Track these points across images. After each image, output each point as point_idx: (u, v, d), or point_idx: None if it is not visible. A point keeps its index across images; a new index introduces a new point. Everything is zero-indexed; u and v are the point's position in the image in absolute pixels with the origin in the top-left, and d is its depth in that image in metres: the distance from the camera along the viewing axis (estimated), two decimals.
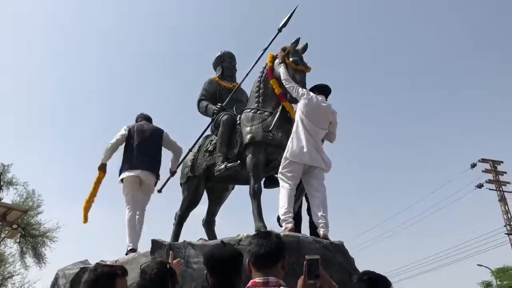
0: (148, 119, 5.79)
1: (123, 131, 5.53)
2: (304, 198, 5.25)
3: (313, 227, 5.15)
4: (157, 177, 5.49)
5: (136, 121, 5.74)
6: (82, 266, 4.81)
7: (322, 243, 4.09)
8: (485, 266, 24.01)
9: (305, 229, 5.19)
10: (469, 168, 26.48)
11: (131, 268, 4.17)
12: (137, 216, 5.25)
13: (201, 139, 5.90)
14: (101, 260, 4.94)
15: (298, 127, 4.74)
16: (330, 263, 3.91)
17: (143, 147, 5.37)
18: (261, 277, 2.05)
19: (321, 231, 4.37)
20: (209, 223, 5.99)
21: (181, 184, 5.98)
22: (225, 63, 6.29)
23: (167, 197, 6.93)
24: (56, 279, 5.04)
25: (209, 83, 6.14)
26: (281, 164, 4.69)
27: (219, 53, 6.38)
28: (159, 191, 5.83)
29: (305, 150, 4.57)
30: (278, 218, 4.99)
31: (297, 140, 4.66)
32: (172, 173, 5.81)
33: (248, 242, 3.19)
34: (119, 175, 5.41)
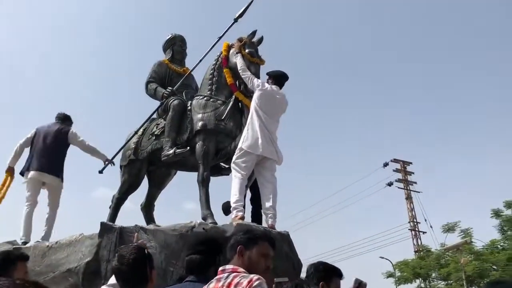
0: (62, 119, 5.67)
1: (29, 134, 5.52)
2: (248, 188, 5.38)
3: (255, 217, 5.31)
4: (59, 176, 5.40)
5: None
6: (14, 247, 4.54)
7: (271, 232, 4.24)
8: (386, 259, 26.04)
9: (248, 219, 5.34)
10: (381, 166, 28.39)
11: (75, 250, 4.06)
12: (47, 214, 5.31)
13: (146, 123, 5.77)
14: (37, 241, 4.71)
15: (253, 118, 4.83)
16: (277, 253, 4.05)
17: (44, 149, 5.35)
18: None
19: (269, 221, 4.52)
20: (148, 207, 5.91)
21: (121, 166, 5.82)
22: (176, 46, 6.19)
23: None
24: None
25: (158, 65, 6.00)
26: (235, 154, 4.76)
27: (170, 36, 6.25)
28: (100, 172, 5.63)
29: (260, 141, 4.68)
30: (223, 206, 5.07)
31: (252, 131, 4.75)
32: (106, 160, 5.63)
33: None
34: (22, 174, 5.38)
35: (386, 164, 28.29)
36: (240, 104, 5.24)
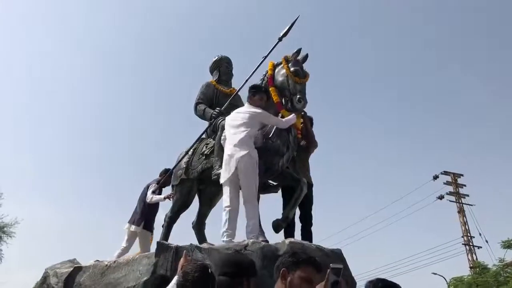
0: None
1: None
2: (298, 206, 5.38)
3: (304, 234, 5.30)
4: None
5: None
6: (76, 266, 4.76)
7: (324, 250, 4.22)
8: (439, 275, 24.95)
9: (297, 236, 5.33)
10: (431, 179, 27.46)
11: (132, 269, 4.20)
12: None
13: (196, 143, 5.92)
14: (96, 260, 4.90)
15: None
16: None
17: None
18: None
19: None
20: (199, 226, 6.02)
21: (172, 186, 5.99)
22: (222, 67, 6.35)
23: None
24: (45, 277, 4.95)
25: (206, 87, 6.17)
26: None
27: (217, 57, 6.42)
28: (154, 192, 5.82)
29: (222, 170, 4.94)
30: (274, 224, 5.09)
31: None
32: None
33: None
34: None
35: (436, 177, 27.33)
36: None
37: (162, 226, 5.96)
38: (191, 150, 5.87)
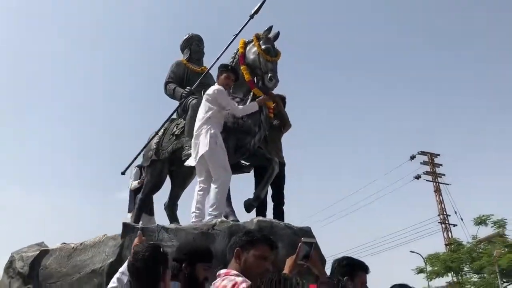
0: None
1: None
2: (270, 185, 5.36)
3: (276, 214, 5.29)
4: None
5: None
6: (42, 249, 4.65)
7: (293, 228, 4.21)
8: (417, 253, 25.53)
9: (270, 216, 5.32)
10: (408, 159, 27.89)
11: (99, 251, 4.12)
12: None
13: (166, 123, 5.81)
14: (63, 243, 4.80)
15: None
16: None
17: None
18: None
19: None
20: (171, 207, 5.95)
21: (143, 167, 5.89)
22: (193, 46, 6.20)
23: None
24: (11, 262, 4.84)
25: (176, 66, 6.03)
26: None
27: (187, 36, 6.27)
28: (123, 173, 5.71)
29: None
30: (245, 204, 5.06)
31: None
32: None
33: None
34: None
35: (413, 157, 27.80)
36: None
37: (135, 208, 5.87)
38: (162, 130, 5.75)
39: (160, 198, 6.12)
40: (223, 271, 2.20)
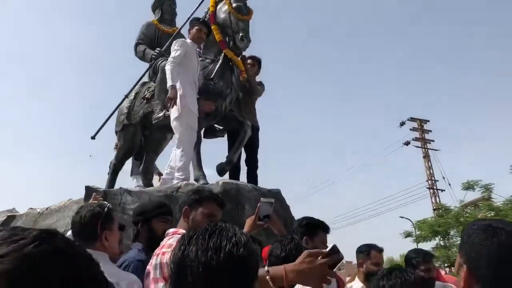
0: None
1: None
2: (243, 148, 5.28)
3: (251, 177, 5.23)
4: None
5: None
6: (9, 215, 4.58)
7: (260, 190, 4.16)
8: (406, 218, 25.91)
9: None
10: (398, 126, 27.88)
11: (63, 215, 4.05)
12: None
13: (137, 86, 5.65)
14: (30, 208, 4.73)
15: None
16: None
17: None
18: None
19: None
20: (145, 172, 5.86)
21: (116, 132, 5.76)
22: (165, 6, 5.97)
23: None
24: None
25: (147, 27, 5.82)
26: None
27: None
28: (92, 137, 5.58)
29: None
30: (218, 168, 4.99)
31: None
32: None
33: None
34: None
35: (402, 123, 27.74)
36: (231, 62, 5.07)
37: (108, 173, 5.78)
38: (133, 94, 5.59)
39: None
40: (171, 230, 2.17)
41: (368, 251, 3.31)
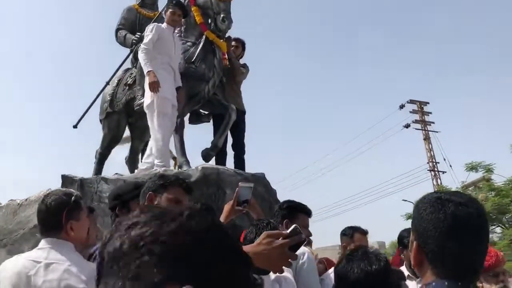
0: None
1: None
2: (229, 133, 5.18)
3: (237, 162, 5.13)
4: None
5: None
6: None
7: (243, 174, 4.05)
8: (409, 201, 25.81)
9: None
10: (397, 109, 27.67)
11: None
12: None
13: (120, 72, 5.52)
14: (10, 200, 4.64)
15: None
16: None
17: None
18: None
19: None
20: (132, 161, 5.77)
21: (100, 120, 5.65)
22: None
23: None
24: None
25: (128, 11, 5.67)
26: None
27: None
28: (75, 126, 5.47)
29: None
30: (203, 153, 4.89)
31: None
32: None
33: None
34: None
35: (402, 106, 27.52)
36: (213, 45, 4.93)
37: (94, 163, 5.68)
38: (116, 80, 5.47)
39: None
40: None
41: (351, 234, 3.23)
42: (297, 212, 2.70)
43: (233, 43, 5.40)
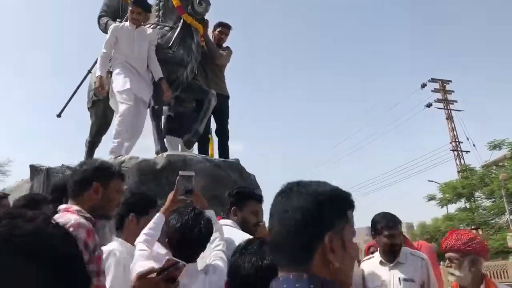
0: None
1: None
2: (213, 119, 5.11)
3: (221, 148, 5.07)
4: None
5: None
6: None
7: (213, 161, 3.98)
8: (435, 182, 25.28)
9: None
10: (419, 88, 26.95)
11: (18, 195, 3.99)
12: None
13: None
14: None
15: None
16: (222, 181, 3.84)
17: None
18: None
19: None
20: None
21: (88, 108, 5.66)
22: None
23: None
24: None
25: None
26: None
27: None
28: (58, 115, 5.50)
29: None
30: (185, 140, 4.83)
31: None
32: None
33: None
34: None
35: (424, 85, 26.81)
36: (191, 28, 4.83)
37: (85, 152, 5.71)
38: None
39: None
40: (62, 206, 2.01)
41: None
42: (247, 199, 2.59)
43: (219, 28, 5.33)
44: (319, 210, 0.94)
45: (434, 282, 2.98)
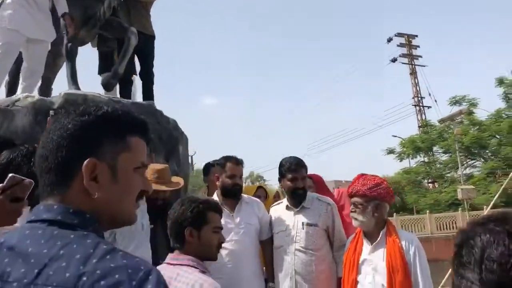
0: None
1: None
2: (137, 60, 4.80)
3: (145, 91, 4.80)
4: None
5: None
6: None
7: (122, 102, 3.72)
8: (398, 137, 25.65)
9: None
10: (385, 42, 26.81)
11: None
12: None
13: None
14: None
15: None
16: None
17: None
18: None
19: None
20: (43, 91, 5.41)
21: None
22: None
23: None
24: None
25: None
26: None
27: None
28: None
29: None
30: (104, 81, 4.53)
31: None
32: None
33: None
34: None
35: (390, 40, 26.62)
36: None
37: None
38: None
39: None
40: None
41: (223, 164, 2.97)
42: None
43: None
44: (80, 130, 0.80)
45: (339, 228, 2.92)
